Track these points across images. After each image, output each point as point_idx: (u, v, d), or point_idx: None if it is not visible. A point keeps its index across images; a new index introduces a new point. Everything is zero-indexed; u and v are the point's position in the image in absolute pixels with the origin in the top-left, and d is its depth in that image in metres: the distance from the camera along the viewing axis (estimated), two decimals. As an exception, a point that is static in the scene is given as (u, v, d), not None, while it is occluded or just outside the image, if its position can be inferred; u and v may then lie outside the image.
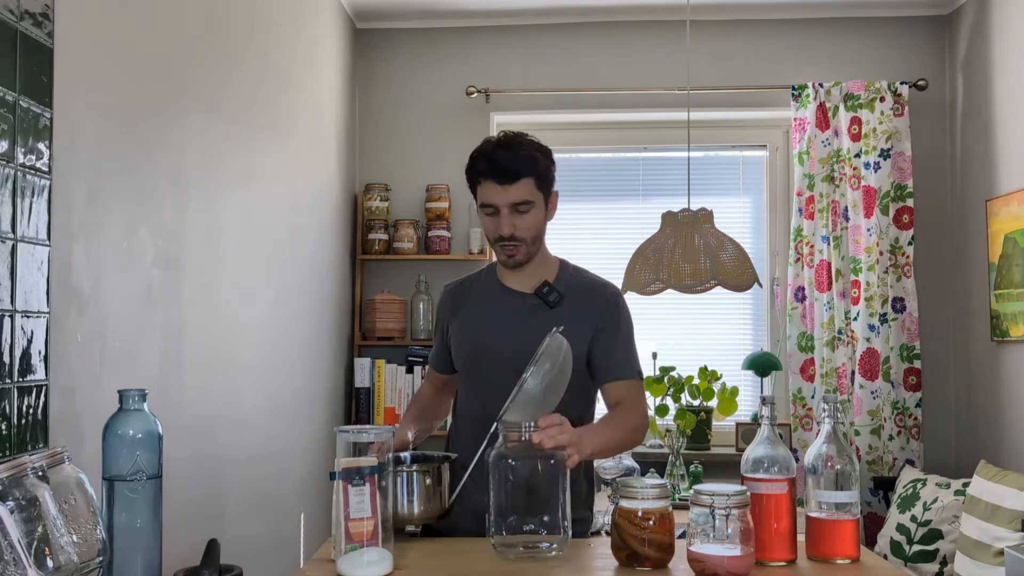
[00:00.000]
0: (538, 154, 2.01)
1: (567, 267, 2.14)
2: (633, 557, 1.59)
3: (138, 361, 1.97)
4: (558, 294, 2.03)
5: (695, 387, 3.73)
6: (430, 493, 1.81)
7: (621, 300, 2.11)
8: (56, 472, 1.20)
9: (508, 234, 1.98)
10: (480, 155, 2.01)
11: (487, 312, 2.09)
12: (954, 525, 3.07)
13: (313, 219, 3.42)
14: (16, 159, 1.49)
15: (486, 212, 2.01)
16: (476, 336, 2.08)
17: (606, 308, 2.06)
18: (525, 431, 1.64)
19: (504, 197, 1.97)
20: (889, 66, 3.95)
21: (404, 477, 1.79)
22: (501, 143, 2.00)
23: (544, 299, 2.03)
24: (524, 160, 1.98)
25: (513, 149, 1.98)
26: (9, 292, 1.47)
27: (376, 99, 4.12)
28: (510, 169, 1.96)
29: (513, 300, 2.07)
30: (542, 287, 2.04)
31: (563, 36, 4.07)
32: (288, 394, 3.07)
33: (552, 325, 1.98)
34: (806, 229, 3.86)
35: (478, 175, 2.00)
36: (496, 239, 2.01)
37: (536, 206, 2.00)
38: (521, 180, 1.97)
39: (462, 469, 1.86)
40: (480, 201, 2.02)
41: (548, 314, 2.02)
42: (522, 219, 1.99)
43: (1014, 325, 3.34)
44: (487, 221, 2.02)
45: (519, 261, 2.03)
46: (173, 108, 2.16)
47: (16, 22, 1.50)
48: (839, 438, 1.68)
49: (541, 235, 2.06)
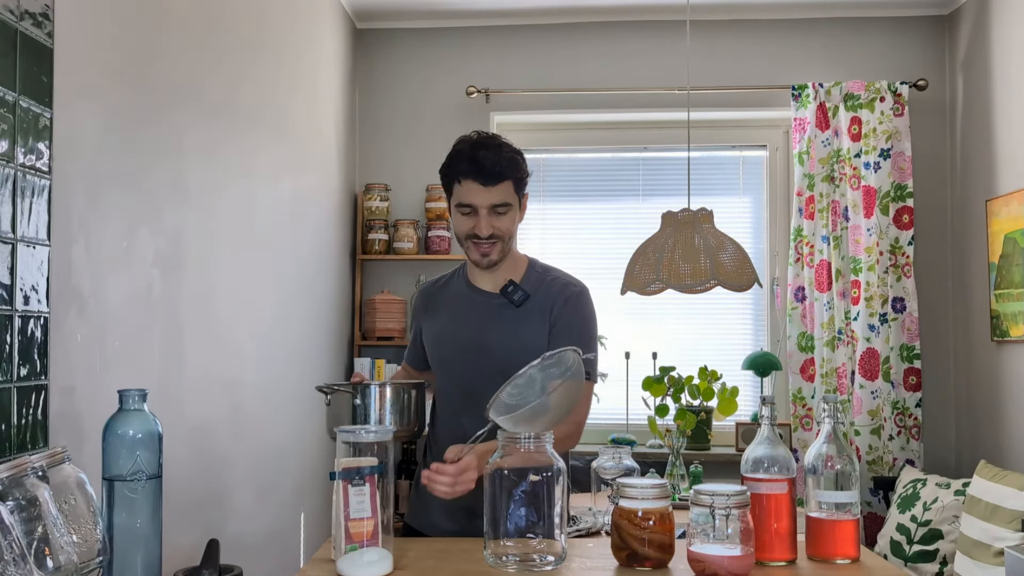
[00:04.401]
0: (518, 157, 2.02)
1: (535, 266, 2.13)
2: (633, 557, 1.58)
3: (138, 361, 1.97)
4: (523, 293, 2.03)
5: (695, 387, 3.73)
6: (407, 410, 1.88)
7: (583, 298, 2.07)
8: (56, 472, 1.20)
9: (487, 234, 1.98)
10: (460, 154, 2.00)
11: (457, 312, 2.11)
12: (954, 525, 3.07)
13: (313, 219, 3.42)
14: (16, 159, 1.49)
15: (462, 212, 2.00)
16: (446, 335, 2.10)
17: (565, 304, 2.04)
18: (524, 440, 1.63)
19: (485, 198, 1.97)
20: (889, 66, 3.95)
21: (376, 391, 1.89)
22: (481, 143, 1.99)
23: (509, 298, 2.04)
24: (507, 162, 1.98)
25: (495, 150, 1.98)
26: (9, 292, 1.47)
27: (376, 99, 4.12)
28: (494, 171, 1.96)
29: (481, 300, 2.08)
30: (507, 286, 2.04)
31: (563, 36, 4.07)
32: (288, 394, 3.07)
33: (514, 322, 2.01)
34: (806, 229, 3.86)
35: (458, 174, 1.99)
36: (470, 237, 2.01)
37: (513, 208, 2.01)
38: (503, 182, 1.97)
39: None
40: (458, 200, 2.01)
41: (513, 313, 2.03)
42: (500, 220, 1.99)
43: (1014, 325, 3.34)
44: (462, 220, 2.01)
45: (493, 261, 2.03)
46: (173, 108, 2.16)
47: (16, 22, 1.50)
48: (839, 438, 1.67)
49: (515, 235, 2.07)
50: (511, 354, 1.96)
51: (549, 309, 2.04)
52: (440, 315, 2.14)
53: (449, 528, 2.00)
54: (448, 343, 2.09)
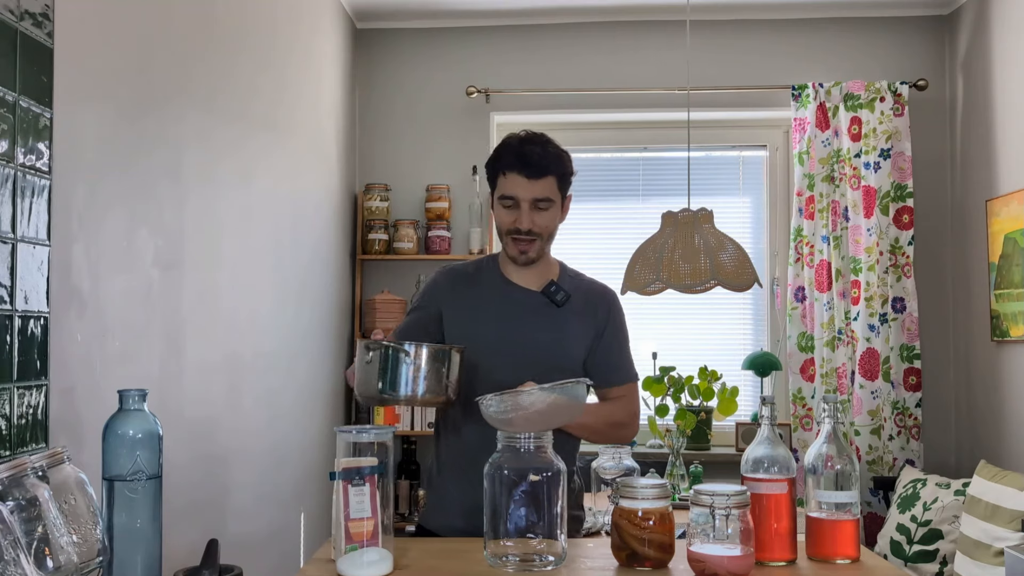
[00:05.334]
0: (564, 155, 2.03)
1: (566, 269, 2.15)
2: (633, 557, 1.58)
3: (138, 361, 1.97)
4: (565, 294, 2.04)
5: (695, 387, 3.73)
6: (438, 375, 1.71)
7: (619, 303, 2.14)
8: (56, 472, 1.20)
9: (527, 228, 1.98)
10: (507, 147, 2.01)
11: (494, 305, 2.06)
12: (954, 525, 3.07)
13: (313, 219, 3.42)
14: (16, 159, 1.49)
15: (504, 204, 2.00)
16: (478, 326, 2.04)
17: (608, 312, 2.09)
18: (524, 440, 1.63)
19: (528, 191, 1.97)
20: (889, 66, 3.95)
21: (411, 354, 1.69)
22: (529, 139, 2.01)
23: (551, 298, 2.04)
24: (552, 158, 1.99)
25: (541, 146, 1.99)
26: (9, 292, 1.47)
27: (376, 99, 4.12)
28: (539, 164, 1.96)
29: (520, 295, 2.06)
30: (549, 286, 2.04)
31: (563, 36, 4.07)
32: (288, 394, 3.07)
33: (557, 324, 1.99)
34: (806, 229, 3.86)
35: (504, 167, 1.99)
36: (511, 232, 2.00)
37: (555, 205, 2.01)
38: (547, 177, 1.98)
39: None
40: (500, 192, 2.01)
41: (553, 313, 2.03)
42: (541, 216, 1.99)
43: (1014, 325, 3.34)
44: (504, 213, 2.01)
45: (531, 258, 2.03)
46: (173, 108, 2.16)
47: (16, 22, 1.50)
48: (839, 438, 1.67)
49: (554, 235, 2.07)
50: (553, 354, 2.00)
51: (593, 313, 2.07)
52: (471, 304, 2.07)
53: (466, 528, 1.97)
54: (483, 336, 2.02)
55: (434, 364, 1.72)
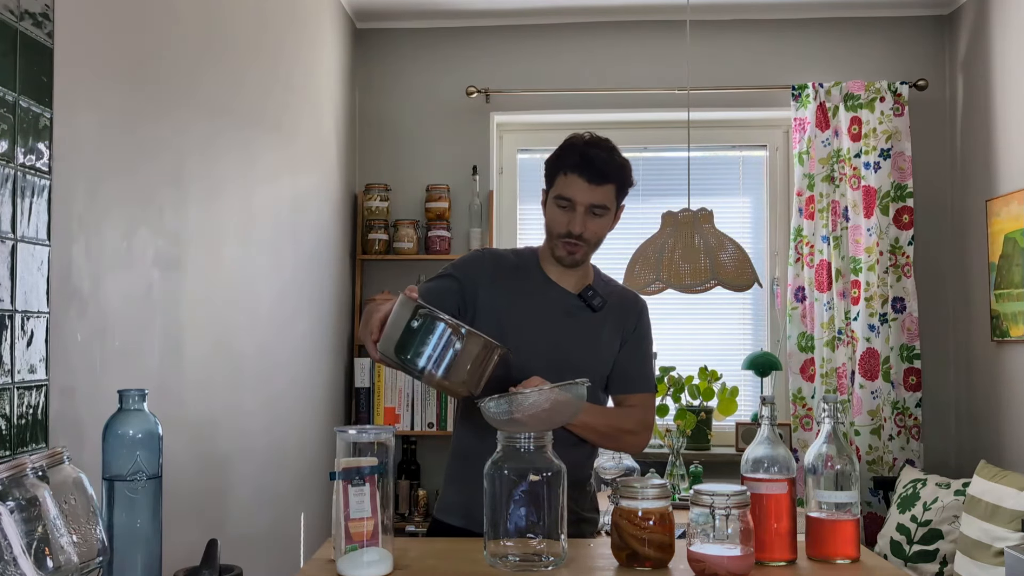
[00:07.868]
0: (627, 164, 2.01)
1: (600, 274, 2.15)
2: (633, 557, 1.58)
3: (138, 361, 1.97)
4: (602, 299, 2.05)
5: (695, 387, 3.74)
6: (476, 368, 1.60)
7: (648, 313, 2.15)
8: (56, 472, 1.20)
9: (579, 232, 1.97)
10: (572, 148, 1.98)
11: (530, 298, 2.04)
12: (954, 525, 3.07)
13: (313, 219, 3.42)
14: (16, 159, 1.49)
15: (560, 204, 1.98)
16: (513, 316, 2.01)
17: (638, 321, 2.10)
18: (524, 440, 1.62)
19: (588, 196, 1.95)
20: (889, 66, 3.95)
21: (463, 338, 1.57)
22: (594, 142, 1.98)
23: (588, 302, 2.04)
24: (615, 165, 1.97)
25: (607, 152, 1.97)
26: (9, 292, 1.47)
27: (376, 99, 4.12)
28: (602, 170, 1.95)
29: (558, 295, 2.06)
30: (587, 290, 2.05)
31: (563, 36, 4.07)
32: (288, 394, 3.07)
33: (592, 329, 2.00)
34: (806, 229, 3.86)
35: (566, 167, 1.97)
36: (563, 234, 1.98)
37: (609, 213, 2.00)
38: (608, 184, 1.96)
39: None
40: (558, 192, 1.98)
41: (588, 317, 2.04)
42: (595, 222, 1.98)
43: (1014, 325, 3.34)
44: (559, 213, 1.98)
45: (578, 261, 2.02)
46: (173, 108, 2.16)
47: (16, 22, 1.50)
48: (839, 438, 1.67)
49: (602, 242, 2.06)
50: (583, 357, 1.99)
51: (623, 320, 2.07)
52: (510, 294, 2.04)
53: (460, 526, 1.97)
54: (518, 328, 1.98)
55: (477, 357, 1.61)
